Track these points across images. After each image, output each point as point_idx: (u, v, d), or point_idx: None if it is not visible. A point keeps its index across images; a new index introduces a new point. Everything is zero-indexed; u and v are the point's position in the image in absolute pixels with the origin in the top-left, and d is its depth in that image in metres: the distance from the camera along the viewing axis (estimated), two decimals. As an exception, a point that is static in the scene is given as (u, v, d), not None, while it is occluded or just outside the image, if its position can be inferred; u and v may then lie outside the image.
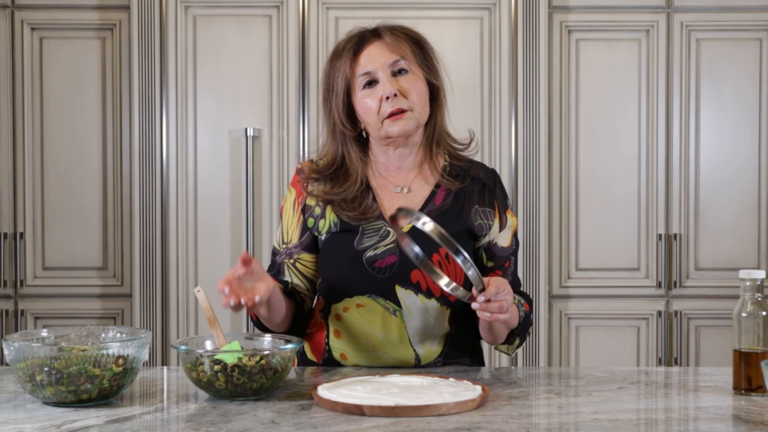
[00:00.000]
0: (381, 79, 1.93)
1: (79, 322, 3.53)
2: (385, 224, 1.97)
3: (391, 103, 1.92)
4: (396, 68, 1.94)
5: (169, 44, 3.49)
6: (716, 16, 3.63)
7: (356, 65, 1.94)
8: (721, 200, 3.65)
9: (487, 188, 2.04)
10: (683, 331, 3.66)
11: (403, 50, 1.95)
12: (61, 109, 3.61)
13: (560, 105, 3.64)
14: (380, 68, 1.93)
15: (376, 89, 1.94)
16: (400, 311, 1.95)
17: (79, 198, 3.62)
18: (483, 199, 2.02)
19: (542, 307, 3.53)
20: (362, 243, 1.96)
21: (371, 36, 1.97)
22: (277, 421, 1.54)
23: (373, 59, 1.94)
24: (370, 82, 1.94)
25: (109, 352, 1.63)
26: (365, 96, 1.94)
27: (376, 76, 1.94)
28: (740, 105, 3.65)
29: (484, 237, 2.01)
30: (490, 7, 3.52)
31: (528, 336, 2.05)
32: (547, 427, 1.52)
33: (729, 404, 1.65)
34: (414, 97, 1.94)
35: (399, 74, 1.95)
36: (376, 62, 1.93)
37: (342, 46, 1.98)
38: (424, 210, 1.98)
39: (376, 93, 1.93)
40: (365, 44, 1.95)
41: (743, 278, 1.73)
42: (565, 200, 3.65)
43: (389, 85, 1.92)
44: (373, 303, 1.95)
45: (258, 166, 3.51)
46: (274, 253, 2.08)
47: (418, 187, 2.02)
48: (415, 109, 1.94)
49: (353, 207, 1.97)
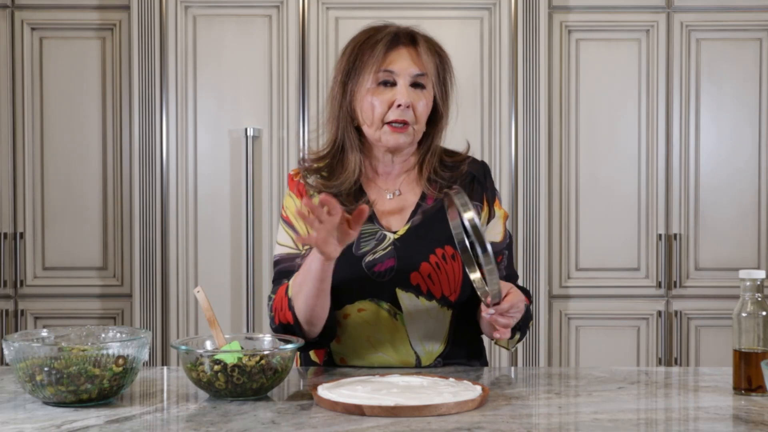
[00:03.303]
0: (399, 85, 1.92)
1: (79, 322, 3.53)
2: (381, 228, 1.97)
3: (399, 112, 1.91)
4: (417, 81, 1.93)
5: (169, 44, 3.49)
6: (716, 16, 3.63)
7: (383, 61, 1.92)
8: (721, 200, 3.65)
9: (477, 180, 2.03)
10: (683, 331, 3.66)
11: (430, 67, 1.94)
12: (61, 109, 3.61)
13: (560, 105, 3.64)
14: (404, 74, 1.92)
15: (390, 92, 1.92)
16: (400, 314, 1.95)
17: (79, 198, 3.62)
18: (472, 193, 2.02)
19: (542, 307, 3.53)
20: (360, 248, 1.96)
21: (407, 39, 1.95)
22: (277, 421, 1.54)
23: (401, 63, 1.92)
24: (387, 82, 1.93)
25: (109, 352, 1.63)
26: (376, 93, 1.92)
27: (397, 79, 1.92)
28: (740, 105, 3.65)
29: None
30: (490, 7, 3.52)
31: (528, 330, 2.05)
32: (547, 427, 1.52)
33: (729, 404, 1.65)
34: (420, 114, 1.94)
35: (416, 87, 1.94)
36: (404, 67, 1.92)
37: (375, 36, 1.95)
38: (417, 212, 1.99)
39: (388, 95, 1.92)
40: (399, 44, 1.94)
41: (743, 278, 1.73)
42: (565, 200, 3.65)
43: (405, 95, 1.91)
44: (374, 306, 1.95)
45: (258, 166, 3.51)
46: (287, 259, 2.00)
47: (409, 189, 2.02)
48: (416, 125, 1.95)
49: (349, 201, 1.96)
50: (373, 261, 1.94)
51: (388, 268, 1.94)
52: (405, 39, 1.95)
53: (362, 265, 1.94)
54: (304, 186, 2.02)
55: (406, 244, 1.96)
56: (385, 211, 2.00)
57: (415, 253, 1.94)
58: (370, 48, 1.92)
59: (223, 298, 3.52)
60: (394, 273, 1.93)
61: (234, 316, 3.52)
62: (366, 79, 1.92)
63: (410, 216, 1.99)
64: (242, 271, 3.52)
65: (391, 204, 2.00)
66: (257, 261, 3.51)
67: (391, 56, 1.93)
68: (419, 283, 1.94)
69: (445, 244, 1.95)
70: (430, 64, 1.94)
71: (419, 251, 1.95)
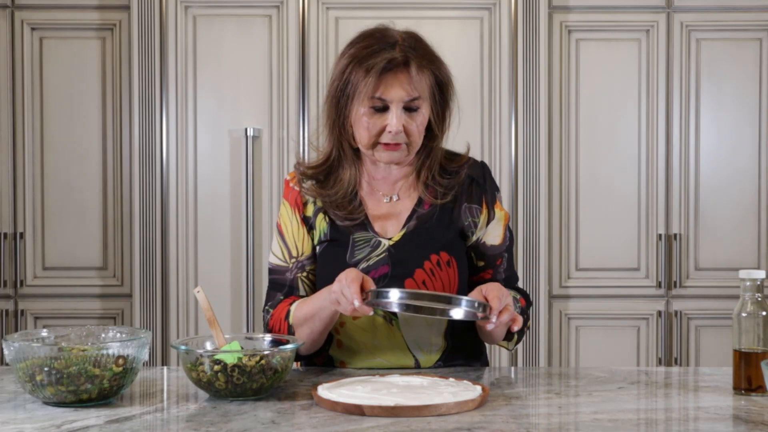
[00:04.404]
0: (392, 111, 1.88)
1: (79, 322, 3.53)
2: (375, 235, 1.96)
3: (392, 137, 1.89)
4: (410, 105, 1.89)
5: (169, 44, 3.49)
6: (716, 16, 3.63)
7: (376, 88, 1.87)
8: (721, 200, 3.65)
9: (476, 183, 2.01)
10: (683, 331, 3.66)
11: (423, 88, 1.90)
12: (61, 109, 3.61)
13: (560, 105, 3.64)
14: (396, 101, 1.88)
15: (382, 116, 1.89)
16: (396, 320, 1.94)
17: (79, 198, 3.62)
18: (471, 196, 2.00)
19: (542, 307, 3.53)
20: (354, 256, 1.95)
21: (400, 62, 1.88)
22: (277, 421, 1.54)
23: (393, 91, 1.88)
24: (379, 107, 1.89)
25: (109, 352, 1.63)
26: (369, 116, 1.89)
27: (389, 105, 1.89)
28: (740, 105, 3.64)
29: (472, 236, 2.00)
30: (490, 7, 3.52)
31: (527, 330, 2.05)
32: (547, 427, 1.52)
33: (729, 404, 1.65)
34: (414, 135, 1.91)
35: (410, 110, 1.90)
36: (396, 94, 1.88)
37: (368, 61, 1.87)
38: (413, 217, 1.97)
39: (380, 120, 1.89)
40: (392, 69, 1.88)
41: (743, 278, 1.73)
42: (565, 200, 3.65)
43: (397, 123, 1.88)
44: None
45: (258, 166, 3.51)
46: (279, 271, 2.03)
47: (406, 194, 2.00)
48: (411, 145, 1.92)
49: (342, 205, 1.96)
50: (367, 268, 1.93)
51: (382, 275, 1.93)
52: (399, 62, 1.88)
53: None
54: (299, 193, 2.02)
55: (400, 250, 1.95)
56: (381, 216, 1.99)
57: (409, 260, 1.93)
58: (363, 73, 1.87)
59: (223, 298, 3.52)
60: (388, 279, 1.92)
61: (234, 316, 3.52)
62: (358, 105, 1.89)
63: (406, 221, 1.98)
64: (242, 271, 3.52)
65: (387, 208, 1.99)
66: (257, 261, 3.51)
67: (383, 83, 1.87)
68: (414, 289, 1.93)
69: (440, 250, 1.94)
70: (423, 85, 1.90)
71: (414, 257, 1.94)
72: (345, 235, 1.97)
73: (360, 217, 1.97)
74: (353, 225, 1.97)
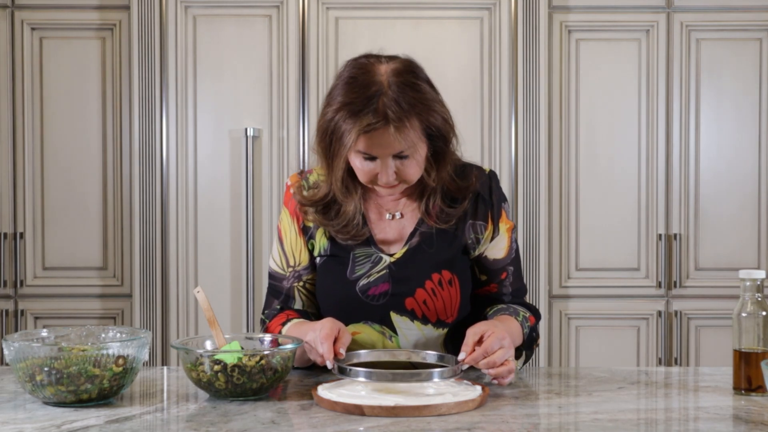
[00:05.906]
0: (381, 162, 1.82)
1: (79, 322, 3.53)
2: (377, 251, 1.94)
3: (385, 182, 1.84)
4: (400, 155, 1.82)
5: (169, 44, 3.49)
6: (716, 16, 3.63)
7: (359, 143, 1.80)
8: (721, 200, 3.65)
9: (481, 198, 1.96)
10: (683, 331, 3.66)
11: (410, 139, 1.80)
12: (61, 109, 3.61)
13: (560, 105, 3.64)
14: (383, 156, 1.81)
15: (374, 164, 1.83)
16: (396, 337, 1.93)
17: (79, 198, 3.62)
18: (476, 212, 1.96)
19: (542, 307, 3.53)
20: (355, 272, 1.93)
21: (381, 121, 1.77)
22: (277, 421, 1.54)
23: (377, 147, 1.80)
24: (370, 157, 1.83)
25: (109, 352, 1.63)
26: (362, 162, 1.83)
27: (377, 157, 1.82)
28: (740, 105, 3.64)
29: (474, 251, 1.97)
30: (490, 7, 3.52)
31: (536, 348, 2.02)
32: (547, 427, 1.52)
33: (729, 404, 1.65)
34: (410, 176, 1.85)
35: (401, 158, 1.82)
36: (381, 152, 1.81)
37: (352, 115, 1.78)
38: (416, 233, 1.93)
39: (372, 166, 1.83)
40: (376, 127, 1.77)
41: (743, 278, 1.73)
42: (565, 200, 3.65)
43: (389, 175, 1.82)
44: (369, 329, 1.93)
45: (258, 166, 3.51)
46: (277, 278, 2.02)
47: (409, 211, 1.97)
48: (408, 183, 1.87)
49: (347, 231, 1.93)
50: (367, 285, 1.92)
51: (382, 293, 1.91)
52: (380, 121, 1.77)
53: (356, 289, 1.92)
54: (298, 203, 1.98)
55: (402, 267, 1.92)
56: (384, 232, 1.96)
57: (411, 278, 1.91)
58: (349, 126, 1.78)
59: (223, 298, 3.52)
60: (388, 297, 1.91)
61: (234, 316, 3.52)
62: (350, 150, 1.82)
63: (408, 238, 1.94)
64: (242, 271, 3.52)
65: (390, 225, 1.96)
66: (257, 261, 3.51)
67: (368, 140, 1.79)
68: (414, 308, 1.91)
69: (442, 268, 1.92)
70: (410, 137, 1.79)
71: (415, 276, 1.91)
72: (346, 251, 1.94)
73: (364, 235, 1.94)
74: (356, 244, 1.95)
